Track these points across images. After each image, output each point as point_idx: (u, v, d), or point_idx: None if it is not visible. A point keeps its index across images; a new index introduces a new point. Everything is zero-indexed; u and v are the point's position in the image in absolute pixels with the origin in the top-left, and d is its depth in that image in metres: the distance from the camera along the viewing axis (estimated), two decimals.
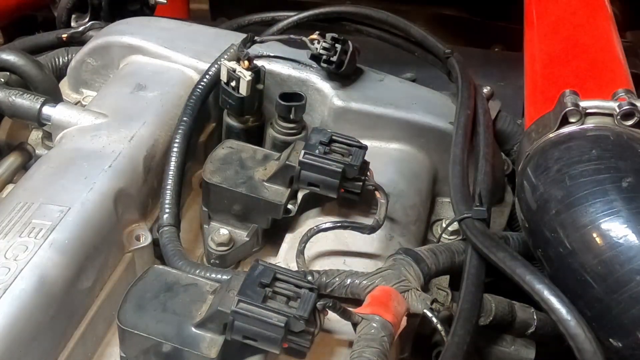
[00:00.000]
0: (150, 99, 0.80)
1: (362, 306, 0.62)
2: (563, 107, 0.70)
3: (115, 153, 0.71)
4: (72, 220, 0.64)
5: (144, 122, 0.76)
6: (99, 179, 0.68)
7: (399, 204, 0.77)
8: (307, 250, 0.67)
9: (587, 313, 0.61)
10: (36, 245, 0.60)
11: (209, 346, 0.57)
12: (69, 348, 0.61)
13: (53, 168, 0.70)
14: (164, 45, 0.86)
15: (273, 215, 0.72)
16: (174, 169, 0.73)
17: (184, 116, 0.77)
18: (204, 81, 0.80)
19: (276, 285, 0.57)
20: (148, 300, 0.59)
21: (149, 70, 0.84)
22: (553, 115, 0.73)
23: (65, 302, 0.60)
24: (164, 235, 0.69)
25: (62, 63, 0.96)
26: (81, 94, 0.89)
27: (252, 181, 0.72)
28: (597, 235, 0.61)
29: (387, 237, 0.73)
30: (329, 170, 0.69)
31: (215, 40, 0.84)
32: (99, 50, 0.88)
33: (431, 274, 0.69)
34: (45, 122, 0.77)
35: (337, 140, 0.71)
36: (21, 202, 0.65)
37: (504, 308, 0.75)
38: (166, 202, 0.71)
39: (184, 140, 0.75)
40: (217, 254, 0.72)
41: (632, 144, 0.68)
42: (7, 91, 0.77)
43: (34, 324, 0.57)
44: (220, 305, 0.56)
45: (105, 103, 0.79)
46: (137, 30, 0.89)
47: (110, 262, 0.67)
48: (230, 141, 0.77)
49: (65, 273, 0.61)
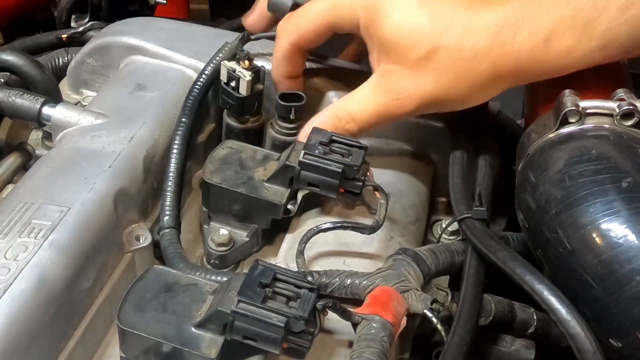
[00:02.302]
0: (150, 99, 0.80)
1: (362, 306, 0.62)
2: (562, 107, 0.70)
3: (115, 153, 0.72)
4: (72, 220, 0.64)
5: (144, 123, 0.76)
6: (99, 179, 0.68)
7: (399, 204, 0.77)
8: (307, 250, 0.67)
9: (587, 313, 0.61)
10: (36, 246, 0.60)
11: (208, 346, 0.57)
12: (69, 348, 0.61)
13: (53, 168, 0.70)
14: (164, 45, 0.86)
15: (273, 216, 0.72)
16: (174, 170, 0.73)
17: (183, 117, 0.77)
18: (200, 81, 0.80)
19: (276, 285, 0.57)
20: (148, 301, 0.59)
21: (149, 71, 0.84)
22: (552, 116, 0.72)
23: (65, 302, 0.61)
24: (164, 238, 0.69)
25: (62, 63, 0.95)
26: (81, 94, 0.89)
27: (252, 181, 0.72)
28: (596, 235, 0.61)
29: (387, 237, 0.73)
30: (328, 170, 0.69)
31: (215, 41, 0.84)
32: (99, 51, 0.88)
33: (431, 274, 0.69)
34: (45, 122, 0.76)
35: (337, 141, 0.70)
36: (21, 202, 0.65)
37: (504, 308, 0.75)
38: (166, 204, 0.71)
39: (183, 142, 0.75)
40: (217, 254, 0.72)
41: (631, 144, 0.67)
42: (7, 91, 0.76)
43: (34, 324, 0.57)
44: (220, 306, 0.56)
45: (105, 103, 0.79)
46: (137, 30, 0.89)
47: (110, 263, 0.67)
48: (230, 141, 0.77)
49: (65, 273, 0.61)
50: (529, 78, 0.72)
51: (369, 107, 0.75)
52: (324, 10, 0.77)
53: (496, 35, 0.68)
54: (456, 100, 0.73)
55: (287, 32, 0.79)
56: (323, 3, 0.77)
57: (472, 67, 0.69)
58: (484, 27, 0.68)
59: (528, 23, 0.67)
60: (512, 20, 0.68)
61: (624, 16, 0.64)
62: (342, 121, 0.75)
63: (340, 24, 0.76)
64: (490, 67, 0.69)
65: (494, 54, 0.68)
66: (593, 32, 0.66)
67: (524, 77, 0.71)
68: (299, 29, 0.78)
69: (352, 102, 0.76)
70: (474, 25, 0.69)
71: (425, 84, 0.71)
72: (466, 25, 0.69)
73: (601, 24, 0.65)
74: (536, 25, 0.67)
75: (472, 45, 0.69)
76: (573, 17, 0.66)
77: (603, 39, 0.66)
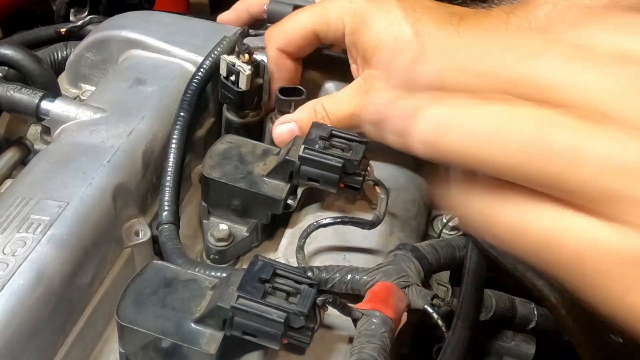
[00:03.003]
0: (149, 94, 0.80)
1: (363, 302, 0.62)
2: None
3: (114, 148, 0.71)
4: (71, 215, 0.63)
5: (143, 117, 0.76)
6: (98, 174, 0.68)
7: (400, 198, 0.77)
8: (307, 245, 0.67)
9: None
10: (34, 241, 0.60)
11: (208, 342, 0.56)
12: (68, 344, 0.61)
13: (51, 163, 0.70)
14: (163, 39, 0.86)
15: (273, 211, 0.72)
16: (173, 165, 0.73)
17: (181, 111, 0.76)
18: (198, 75, 0.80)
19: (276, 281, 0.56)
20: (147, 296, 0.58)
21: (148, 65, 0.84)
22: None
23: (64, 297, 0.60)
24: (163, 233, 0.69)
25: (61, 57, 0.95)
26: (80, 89, 0.89)
27: (252, 176, 0.72)
28: None
29: (387, 232, 0.73)
30: (328, 165, 0.68)
31: (214, 35, 0.84)
32: (98, 45, 0.87)
33: (432, 269, 0.69)
34: (44, 116, 0.76)
35: (337, 135, 0.70)
36: (19, 197, 0.65)
37: (505, 303, 0.75)
38: (165, 200, 0.71)
39: (182, 137, 0.75)
40: (217, 249, 0.71)
41: None
42: (5, 86, 0.76)
43: (33, 319, 0.57)
44: (219, 301, 0.56)
45: (104, 98, 0.79)
46: (136, 24, 0.88)
47: (109, 258, 0.67)
48: (229, 136, 0.77)
49: (63, 268, 0.60)
50: None
51: (345, 107, 0.77)
52: (310, 18, 0.79)
53: (471, 48, 0.70)
54: None
55: (273, 39, 0.81)
56: (309, 12, 0.79)
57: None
58: (460, 42, 0.72)
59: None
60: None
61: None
62: (317, 115, 0.77)
63: (325, 33, 0.78)
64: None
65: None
66: None
67: None
68: (285, 35, 0.80)
69: (332, 100, 0.78)
70: (451, 38, 0.71)
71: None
72: (444, 39, 0.72)
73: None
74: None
75: (451, 56, 0.71)
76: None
77: None
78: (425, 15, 0.75)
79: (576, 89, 0.35)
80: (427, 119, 0.39)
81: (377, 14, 0.75)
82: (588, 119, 0.34)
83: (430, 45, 0.71)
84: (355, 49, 0.78)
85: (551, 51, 0.36)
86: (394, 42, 0.74)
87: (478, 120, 0.37)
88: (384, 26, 0.75)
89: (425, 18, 0.75)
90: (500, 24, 0.73)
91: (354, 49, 0.78)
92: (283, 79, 0.82)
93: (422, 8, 0.76)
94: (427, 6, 0.77)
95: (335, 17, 0.77)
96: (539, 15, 0.71)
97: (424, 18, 0.75)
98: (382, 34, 0.75)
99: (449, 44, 0.65)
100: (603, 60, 0.35)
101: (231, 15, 0.93)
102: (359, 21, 0.76)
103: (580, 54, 0.36)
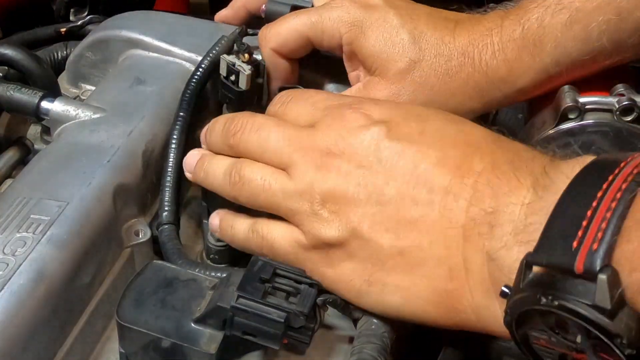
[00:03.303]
0: (150, 93, 0.80)
1: None
2: (562, 103, 0.70)
3: (114, 148, 0.71)
4: (71, 215, 0.63)
5: (143, 117, 0.76)
6: (98, 174, 0.68)
7: None
8: None
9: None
10: (34, 241, 0.60)
11: (208, 342, 0.56)
12: (68, 344, 0.61)
13: (51, 163, 0.70)
14: (164, 39, 0.86)
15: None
16: (173, 165, 0.73)
17: (180, 111, 0.76)
18: (197, 75, 0.80)
19: (276, 280, 0.57)
20: (147, 296, 0.59)
21: (148, 64, 0.84)
22: (552, 112, 0.72)
23: (64, 297, 0.60)
24: (163, 234, 0.69)
25: (61, 57, 0.95)
26: (80, 89, 0.89)
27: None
28: None
29: None
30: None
31: (214, 34, 0.84)
32: (98, 44, 0.87)
33: None
34: (44, 116, 0.76)
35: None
36: (19, 197, 0.65)
37: None
38: (165, 200, 0.71)
39: (182, 136, 0.75)
40: (217, 249, 0.72)
41: (631, 139, 0.68)
42: (5, 85, 0.76)
43: (33, 319, 0.57)
44: (219, 301, 0.56)
45: (104, 97, 0.79)
46: (136, 24, 0.88)
47: (109, 258, 0.67)
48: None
49: (63, 268, 0.60)
50: (497, 99, 0.75)
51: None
52: (304, 25, 0.79)
53: (466, 54, 0.74)
54: None
55: (267, 39, 0.81)
56: (304, 18, 0.79)
57: (445, 83, 0.74)
58: (456, 46, 0.74)
59: (491, 43, 0.73)
60: (478, 40, 0.74)
61: (570, 33, 0.70)
62: None
63: (319, 40, 0.79)
64: (462, 84, 0.74)
65: (464, 71, 0.73)
66: (544, 49, 0.71)
67: (490, 96, 0.75)
68: (279, 37, 0.80)
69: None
70: (447, 43, 0.74)
71: (402, 96, 0.75)
72: (441, 44, 0.75)
73: (549, 41, 0.70)
74: (497, 46, 0.73)
75: (446, 62, 0.74)
76: (522, 37, 0.72)
77: (553, 55, 0.71)
78: (422, 21, 0.76)
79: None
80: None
81: (375, 23, 0.76)
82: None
83: (425, 51, 0.74)
84: (354, 56, 0.78)
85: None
86: (392, 49, 0.75)
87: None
88: (382, 33, 0.76)
89: (422, 25, 0.76)
90: (495, 28, 0.74)
91: (353, 58, 0.79)
92: (280, 78, 0.82)
93: (419, 15, 0.77)
94: (423, 13, 0.78)
95: (330, 26, 0.78)
96: (532, 18, 0.72)
97: (421, 25, 0.76)
98: (381, 40, 0.76)
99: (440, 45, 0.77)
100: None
101: (228, 13, 0.93)
102: (357, 31, 0.77)
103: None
